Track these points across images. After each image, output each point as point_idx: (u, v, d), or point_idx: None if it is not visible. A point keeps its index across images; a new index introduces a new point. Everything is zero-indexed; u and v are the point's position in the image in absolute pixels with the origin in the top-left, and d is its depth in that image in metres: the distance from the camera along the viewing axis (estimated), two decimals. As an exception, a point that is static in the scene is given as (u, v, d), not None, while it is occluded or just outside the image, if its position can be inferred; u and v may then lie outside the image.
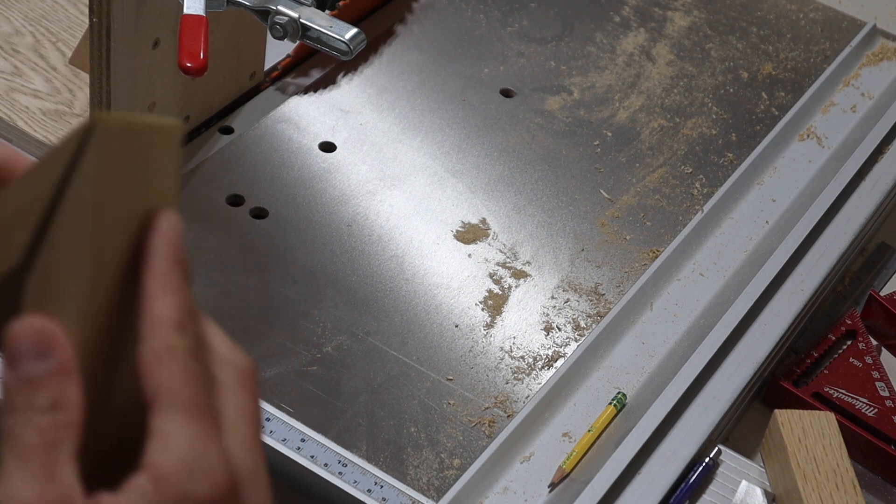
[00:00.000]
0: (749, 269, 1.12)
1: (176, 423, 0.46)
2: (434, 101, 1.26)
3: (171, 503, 0.45)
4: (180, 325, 0.47)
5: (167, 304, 0.47)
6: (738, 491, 0.96)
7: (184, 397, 0.46)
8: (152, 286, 0.47)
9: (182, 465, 0.45)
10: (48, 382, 0.45)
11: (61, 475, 0.44)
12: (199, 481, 0.45)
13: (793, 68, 1.37)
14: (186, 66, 0.98)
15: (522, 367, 1.02)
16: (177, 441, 0.45)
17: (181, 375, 0.46)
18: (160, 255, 0.47)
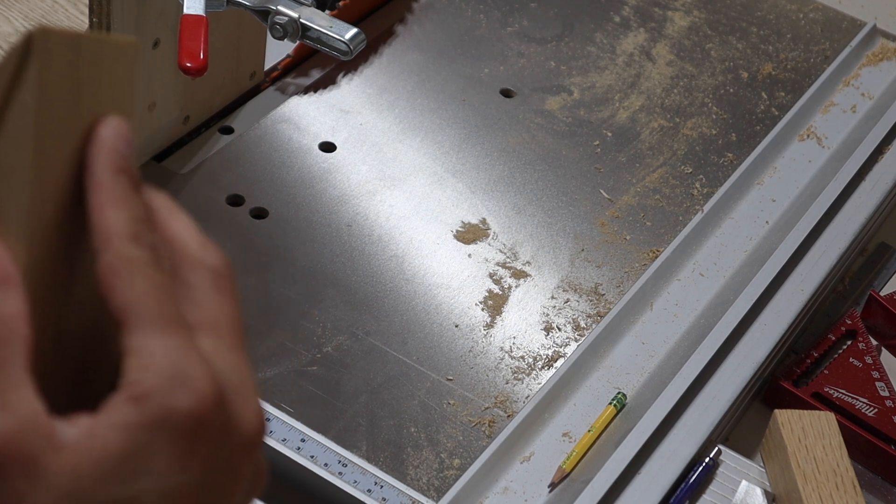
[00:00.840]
0: (749, 269, 1.12)
1: (149, 337, 0.43)
2: (434, 101, 1.26)
3: (155, 421, 0.42)
4: (134, 236, 0.44)
5: (117, 216, 0.44)
6: (738, 491, 0.96)
7: (152, 310, 0.43)
8: (99, 199, 0.44)
9: (162, 381, 0.42)
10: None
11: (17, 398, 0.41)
12: (183, 395, 0.42)
13: (793, 68, 1.37)
14: (186, 66, 0.98)
15: (522, 367, 1.02)
16: (153, 356, 0.42)
17: (145, 287, 0.43)
18: (103, 165, 0.45)
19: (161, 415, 0.42)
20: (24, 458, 0.40)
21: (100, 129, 0.45)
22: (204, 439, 0.43)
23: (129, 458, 0.41)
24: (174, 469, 0.42)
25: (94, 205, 0.44)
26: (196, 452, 0.43)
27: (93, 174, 0.44)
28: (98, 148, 0.45)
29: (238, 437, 0.45)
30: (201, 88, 1.15)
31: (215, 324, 0.46)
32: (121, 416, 0.42)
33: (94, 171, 0.44)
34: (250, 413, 0.45)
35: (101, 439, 0.41)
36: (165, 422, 0.42)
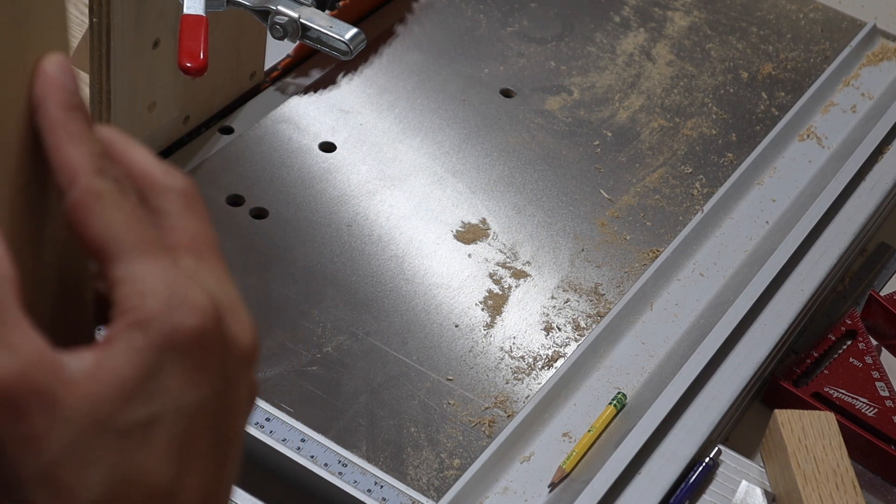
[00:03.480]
0: (749, 269, 1.12)
1: (136, 264, 0.43)
2: (434, 101, 1.26)
3: (163, 342, 0.42)
4: (98, 170, 0.44)
5: (78, 152, 0.44)
6: (738, 491, 0.96)
7: (132, 238, 0.43)
8: (56, 138, 0.44)
9: (161, 303, 0.42)
10: None
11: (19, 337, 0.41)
12: (185, 314, 0.43)
13: (793, 68, 1.37)
14: (186, 66, 0.98)
15: (522, 367, 1.02)
16: (146, 281, 0.42)
17: (120, 217, 0.43)
18: (53, 103, 0.44)
19: (167, 335, 0.42)
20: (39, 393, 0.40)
21: (44, 66, 0.44)
22: (209, 355, 0.43)
23: (142, 381, 0.42)
24: (186, 385, 0.43)
25: (52, 144, 0.44)
26: (204, 368, 0.43)
27: (45, 113, 0.44)
28: (46, 86, 0.44)
29: (237, 352, 0.45)
30: (201, 88, 1.15)
31: (193, 245, 0.46)
32: (127, 342, 0.42)
33: (47, 110, 0.44)
34: (245, 328, 0.46)
35: (112, 367, 0.41)
36: (172, 341, 0.42)
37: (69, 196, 0.43)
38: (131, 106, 1.07)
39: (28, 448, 0.40)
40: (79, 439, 0.41)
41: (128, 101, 1.07)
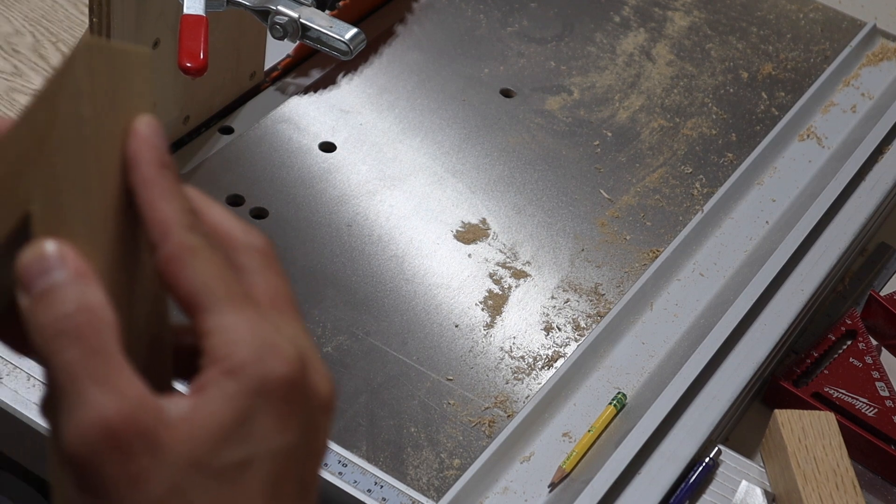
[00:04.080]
0: (749, 269, 1.12)
1: (226, 315, 0.45)
2: (434, 101, 1.26)
3: (254, 389, 0.44)
4: (190, 226, 0.46)
5: (171, 207, 0.46)
6: (738, 491, 0.96)
7: (224, 290, 0.45)
8: (149, 194, 0.46)
9: (252, 352, 0.44)
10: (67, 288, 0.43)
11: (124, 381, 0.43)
12: (274, 363, 0.45)
13: (793, 68, 1.37)
14: (186, 66, 0.98)
15: (522, 367, 1.02)
16: (237, 331, 0.45)
17: (212, 270, 0.45)
18: (146, 161, 0.46)
19: (258, 383, 0.44)
20: (143, 434, 0.42)
21: (137, 127, 0.46)
22: (296, 402, 0.45)
23: (237, 425, 0.44)
24: (276, 431, 0.44)
25: (146, 200, 0.46)
26: (291, 415, 0.45)
27: (139, 171, 0.46)
28: (139, 145, 0.46)
29: (318, 401, 0.47)
30: (201, 88, 1.15)
31: (274, 299, 0.48)
32: (221, 388, 0.44)
33: (140, 168, 0.46)
34: (324, 377, 0.47)
35: (209, 411, 0.43)
36: (263, 388, 0.44)
37: (162, 250, 0.45)
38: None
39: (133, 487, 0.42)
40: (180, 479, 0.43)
41: (128, 101, 1.07)
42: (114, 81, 0.46)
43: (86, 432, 0.42)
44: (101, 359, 0.43)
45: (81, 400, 0.42)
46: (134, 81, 0.47)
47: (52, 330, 0.43)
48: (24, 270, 0.44)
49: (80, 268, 0.44)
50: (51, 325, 0.43)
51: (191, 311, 0.45)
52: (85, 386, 0.42)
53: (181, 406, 0.44)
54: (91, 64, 0.45)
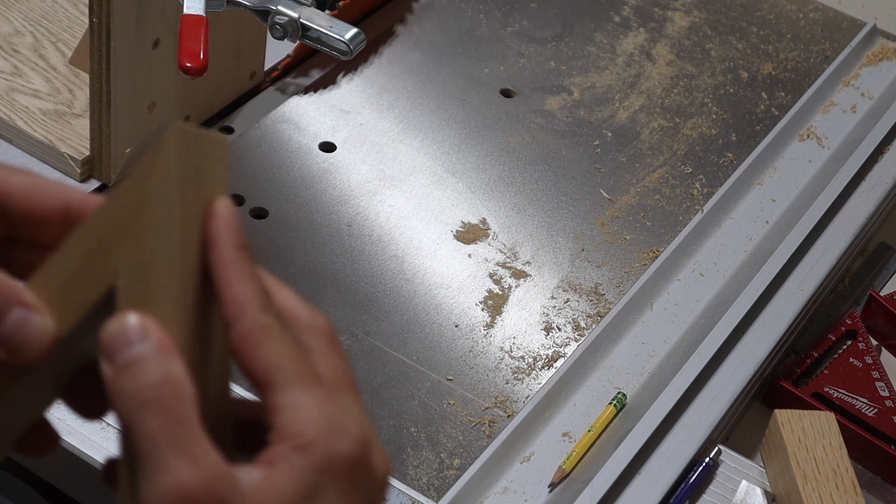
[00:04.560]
0: (749, 269, 1.12)
1: (296, 394, 0.47)
2: (434, 101, 1.26)
3: (322, 465, 0.46)
4: (264, 306, 0.48)
5: (247, 288, 0.48)
6: (738, 491, 0.96)
7: (294, 369, 0.47)
8: (228, 274, 0.48)
9: (321, 430, 0.46)
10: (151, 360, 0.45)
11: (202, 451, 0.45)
12: (341, 441, 0.47)
13: (793, 68, 1.37)
14: (186, 66, 0.98)
15: (522, 367, 1.02)
16: (306, 410, 0.46)
17: (284, 350, 0.47)
18: (226, 242, 0.48)
19: (326, 460, 0.46)
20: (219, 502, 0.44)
21: (216, 209, 0.48)
22: (359, 480, 0.47)
23: (305, 499, 0.46)
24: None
25: (223, 280, 0.48)
26: (354, 491, 0.47)
27: (217, 251, 0.48)
28: (219, 226, 0.48)
29: (376, 479, 0.49)
30: (201, 88, 1.15)
31: (337, 380, 0.50)
32: (291, 462, 0.46)
33: (219, 248, 0.48)
34: (382, 457, 0.50)
35: (279, 484, 0.46)
36: (330, 465, 0.46)
37: (237, 328, 0.47)
38: (131, 106, 1.07)
39: None
40: None
41: (128, 101, 1.07)
42: (198, 165, 0.48)
43: (165, 498, 0.44)
44: (182, 429, 0.45)
45: (162, 467, 0.44)
46: (214, 166, 0.49)
47: (136, 400, 0.45)
48: (108, 341, 0.46)
49: (162, 341, 0.46)
50: (135, 394, 0.45)
51: (262, 387, 0.47)
52: (166, 454, 0.44)
53: (253, 477, 0.45)
54: (180, 147, 0.47)
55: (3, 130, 1.13)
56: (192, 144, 0.48)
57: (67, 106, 1.15)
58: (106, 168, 1.10)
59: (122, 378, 0.45)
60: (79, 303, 0.48)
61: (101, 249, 0.48)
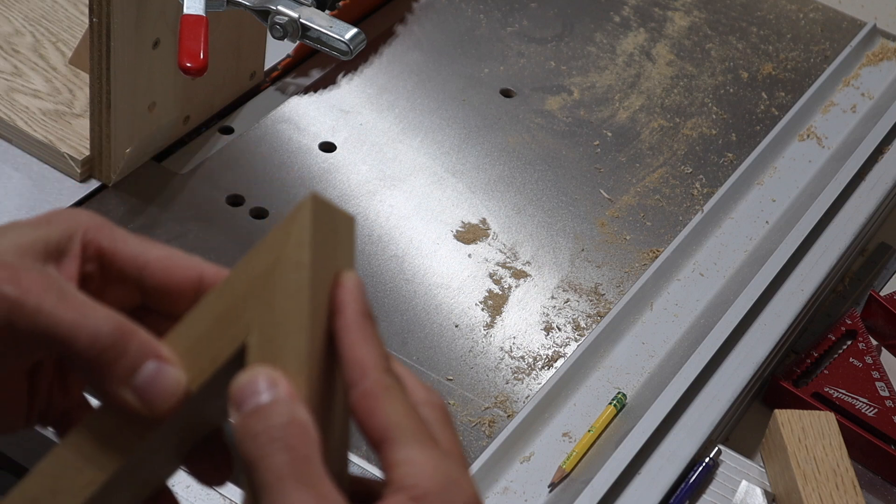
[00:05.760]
0: (749, 269, 1.12)
1: (416, 450, 0.49)
2: (434, 101, 1.26)
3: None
4: (386, 368, 0.50)
5: (370, 350, 0.50)
6: (738, 491, 0.96)
7: (413, 428, 0.50)
8: (352, 337, 0.51)
9: (438, 484, 0.48)
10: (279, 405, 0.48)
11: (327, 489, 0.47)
12: (457, 496, 0.49)
13: (793, 68, 1.37)
14: (186, 66, 0.98)
15: (522, 367, 1.02)
16: (424, 464, 0.49)
17: (404, 410, 0.50)
18: (353, 308, 0.51)
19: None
20: None
21: (345, 279, 0.52)
22: None
23: None
24: None
25: (348, 343, 0.51)
26: None
27: (344, 316, 0.51)
28: (346, 295, 0.51)
29: None
30: (201, 88, 1.15)
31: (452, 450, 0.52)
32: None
33: (346, 314, 0.51)
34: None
35: None
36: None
37: (360, 386, 0.50)
38: (131, 106, 1.07)
39: None
40: None
41: (128, 101, 1.07)
42: (328, 235, 0.51)
43: None
44: (308, 466, 0.47)
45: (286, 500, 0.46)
46: (342, 240, 0.52)
47: (264, 437, 0.47)
48: (238, 391, 0.48)
49: (290, 390, 0.48)
50: (264, 432, 0.47)
51: (380, 443, 0.50)
52: (292, 488, 0.47)
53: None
54: (314, 217, 0.50)
55: (3, 130, 1.13)
56: (325, 216, 0.51)
57: (67, 106, 1.15)
58: (106, 168, 1.10)
59: (250, 420, 0.48)
60: (210, 359, 0.51)
61: (234, 309, 0.51)
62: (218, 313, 0.51)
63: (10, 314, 0.50)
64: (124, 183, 1.11)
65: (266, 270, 0.51)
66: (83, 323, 0.50)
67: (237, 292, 0.51)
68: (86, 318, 0.50)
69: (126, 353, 0.50)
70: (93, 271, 0.54)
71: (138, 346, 0.50)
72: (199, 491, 0.90)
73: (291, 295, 0.50)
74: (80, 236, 0.54)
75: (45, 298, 0.50)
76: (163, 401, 0.50)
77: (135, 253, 0.54)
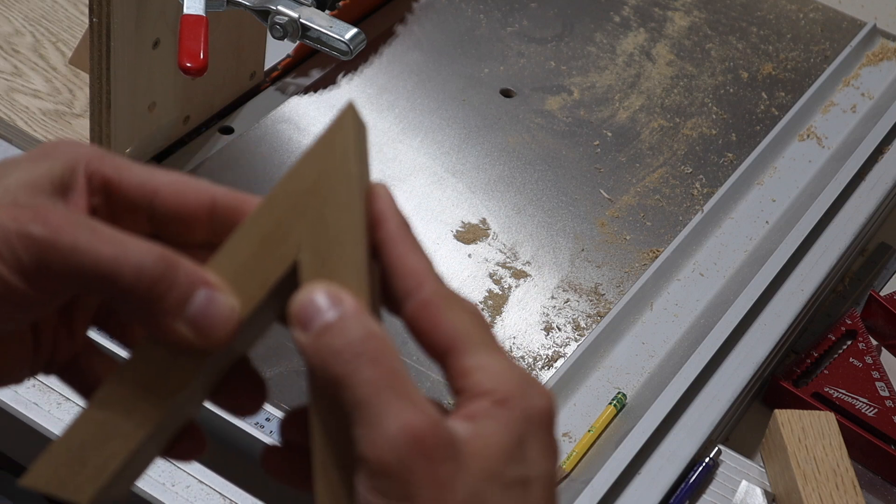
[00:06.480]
0: (749, 269, 1.12)
1: (488, 356, 0.48)
2: (434, 101, 1.26)
3: (523, 419, 0.47)
4: (439, 277, 0.49)
5: (422, 260, 0.49)
6: (738, 491, 0.96)
7: (482, 335, 0.49)
8: (401, 248, 0.49)
9: (517, 386, 0.48)
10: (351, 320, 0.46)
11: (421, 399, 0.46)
12: (537, 396, 0.48)
13: (793, 68, 1.37)
14: (186, 66, 0.98)
15: (522, 367, 1.02)
16: (499, 369, 0.48)
17: (468, 317, 0.49)
18: (395, 219, 0.49)
19: (526, 412, 0.48)
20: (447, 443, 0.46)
21: (379, 190, 0.50)
22: (552, 432, 0.49)
23: (515, 447, 0.47)
24: (544, 456, 0.48)
25: (398, 253, 0.49)
26: (551, 443, 0.49)
27: (388, 227, 0.49)
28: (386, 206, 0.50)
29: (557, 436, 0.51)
30: (201, 88, 1.15)
31: None
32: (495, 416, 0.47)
33: (389, 225, 0.49)
34: None
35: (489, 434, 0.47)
36: (530, 418, 0.48)
37: (418, 296, 0.48)
38: (131, 106, 1.07)
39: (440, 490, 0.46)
40: (478, 487, 0.46)
41: (128, 101, 1.07)
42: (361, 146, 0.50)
43: (396, 439, 0.45)
44: (398, 377, 0.46)
45: (388, 412, 0.45)
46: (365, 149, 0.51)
47: (348, 353, 0.46)
48: (301, 311, 0.47)
49: (356, 305, 0.47)
50: (345, 349, 0.46)
51: (447, 352, 0.49)
52: (390, 399, 0.46)
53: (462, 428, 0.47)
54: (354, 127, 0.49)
55: (3, 130, 1.13)
56: (358, 126, 0.50)
57: (67, 106, 1.15)
58: (106, 168, 1.10)
59: (325, 338, 0.46)
60: (260, 282, 0.49)
61: (280, 228, 0.49)
62: (263, 234, 0.50)
63: (44, 255, 0.47)
64: (124, 183, 1.11)
65: (312, 185, 0.49)
66: (126, 256, 0.47)
67: (282, 211, 0.50)
68: (127, 252, 0.47)
69: (175, 284, 0.48)
70: (99, 204, 0.51)
71: (186, 275, 0.48)
72: (199, 491, 0.90)
73: (343, 207, 0.49)
74: (83, 168, 0.51)
75: (80, 235, 0.47)
76: (219, 329, 0.48)
77: (142, 180, 0.51)
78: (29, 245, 0.47)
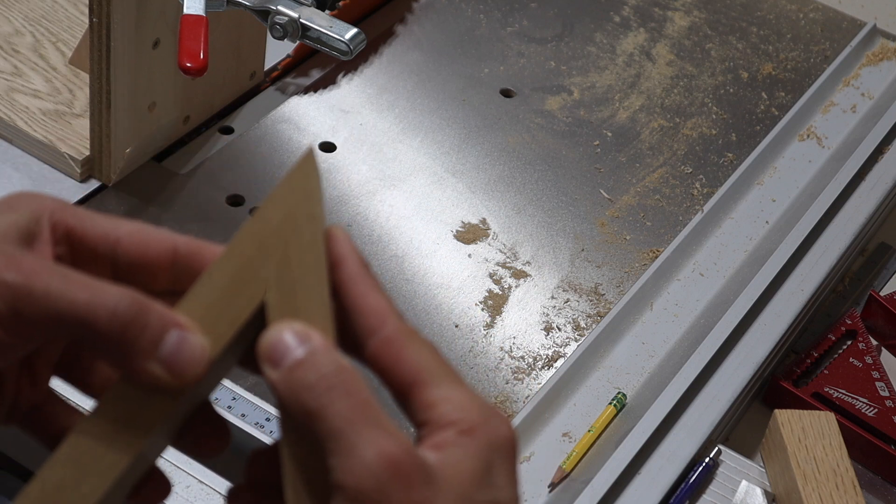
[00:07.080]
0: (749, 269, 1.12)
1: (449, 388, 0.50)
2: (434, 101, 1.26)
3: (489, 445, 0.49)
4: (400, 315, 0.52)
5: (381, 298, 0.52)
6: (738, 491, 0.96)
7: (441, 368, 0.51)
8: (362, 287, 0.51)
9: (481, 416, 0.49)
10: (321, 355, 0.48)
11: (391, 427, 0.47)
12: (500, 425, 0.50)
13: (793, 68, 1.37)
14: (186, 66, 0.98)
15: (522, 367, 1.02)
16: (462, 400, 0.50)
17: (429, 352, 0.51)
18: (354, 259, 0.52)
19: (492, 441, 0.49)
20: (420, 468, 0.47)
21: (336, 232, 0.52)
22: (515, 459, 0.51)
23: (483, 473, 0.49)
24: (509, 483, 0.50)
25: (359, 292, 0.51)
26: (514, 471, 0.50)
27: (349, 268, 0.51)
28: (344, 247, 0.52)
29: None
30: (201, 88, 1.15)
31: None
32: (462, 445, 0.49)
33: (349, 266, 0.51)
34: None
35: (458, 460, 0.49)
36: (496, 445, 0.49)
37: (381, 333, 0.51)
38: (131, 106, 1.07)
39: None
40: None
41: (128, 101, 1.07)
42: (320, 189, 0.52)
43: (373, 465, 0.46)
44: (372, 407, 0.48)
45: (363, 440, 0.47)
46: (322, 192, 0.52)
47: (321, 386, 0.47)
48: (271, 348, 0.49)
49: (324, 341, 0.49)
50: (318, 382, 0.48)
51: (411, 386, 0.50)
52: (365, 428, 0.47)
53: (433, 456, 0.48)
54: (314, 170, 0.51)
55: (3, 130, 1.13)
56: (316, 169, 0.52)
57: (67, 106, 1.15)
58: (106, 168, 1.10)
59: (297, 373, 0.48)
60: (229, 322, 0.50)
61: (248, 269, 0.51)
62: (231, 275, 0.51)
63: (19, 301, 0.48)
64: (124, 183, 1.11)
65: (277, 227, 0.51)
66: (99, 301, 0.49)
67: (248, 252, 0.52)
68: (101, 296, 0.49)
69: (148, 326, 0.49)
70: (64, 253, 0.53)
71: (158, 317, 0.49)
72: (199, 491, 0.90)
73: (308, 248, 0.50)
74: (46, 218, 0.52)
75: (53, 281, 0.48)
76: (191, 368, 0.49)
77: (105, 230, 0.53)
78: (3, 291, 0.48)
